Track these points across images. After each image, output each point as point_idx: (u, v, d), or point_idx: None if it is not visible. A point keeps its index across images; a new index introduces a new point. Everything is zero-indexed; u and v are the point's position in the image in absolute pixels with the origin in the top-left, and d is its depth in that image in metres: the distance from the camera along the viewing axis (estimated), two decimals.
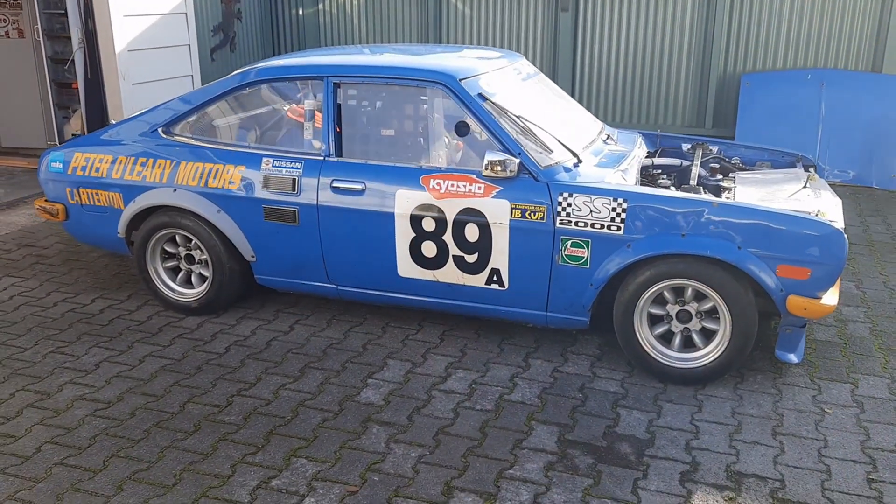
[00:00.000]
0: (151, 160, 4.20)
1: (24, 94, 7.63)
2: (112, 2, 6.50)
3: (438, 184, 3.71)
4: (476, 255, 3.73)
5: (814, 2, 7.18)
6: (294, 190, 3.94)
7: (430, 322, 4.20)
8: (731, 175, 4.26)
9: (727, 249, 3.35)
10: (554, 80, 8.02)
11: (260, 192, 4.00)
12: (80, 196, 4.41)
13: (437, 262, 3.80)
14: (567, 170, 3.67)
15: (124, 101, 6.68)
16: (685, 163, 4.39)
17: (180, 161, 4.14)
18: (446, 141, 3.85)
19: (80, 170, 4.36)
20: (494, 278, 3.74)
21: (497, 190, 3.63)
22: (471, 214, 3.66)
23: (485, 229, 3.66)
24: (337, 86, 3.93)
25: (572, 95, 8.03)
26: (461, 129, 3.73)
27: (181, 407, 3.39)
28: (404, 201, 3.76)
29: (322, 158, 3.92)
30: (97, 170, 4.32)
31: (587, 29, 7.86)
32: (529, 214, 3.59)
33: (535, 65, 8.09)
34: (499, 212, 3.62)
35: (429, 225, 3.75)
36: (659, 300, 3.57)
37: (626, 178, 3.77)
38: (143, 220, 4.29)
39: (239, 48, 8.49)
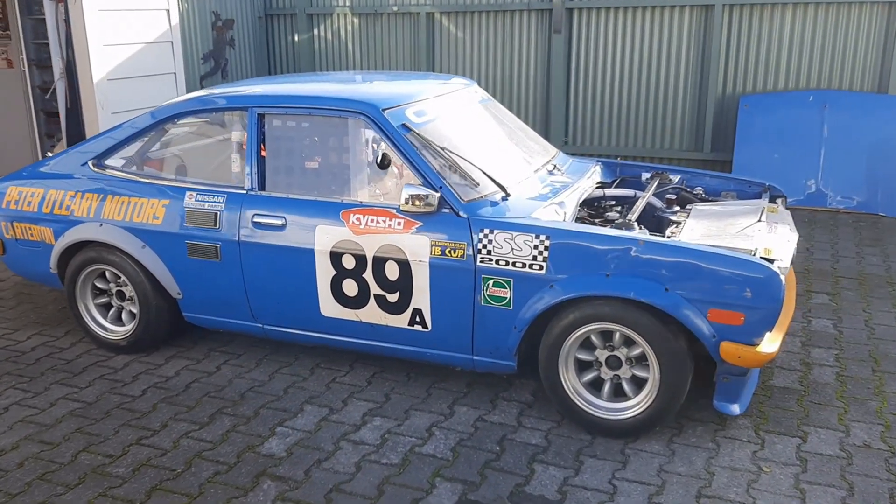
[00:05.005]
0: (80, 194, 4.08)
1: (13, 123, 7.66)
2: (90, 32, 6.48)
3: (358, 219, 3.51)
4: (397, 295, 3.51)
5: (816, 20, 6.83)
6: (216, 225, 3.77)
7: (362, 363, 3.98)
8: (687, 207, 3.97)
9: (653, 291, 3.07)
10: (546, 103, 7.79)
11: (183, 227, 3.85)
12: (14, 230, 4.31)
13: (359, 302, 3.59)
14: (493, 204, 3.43)
15: (103, 131, 6.63)
16: (640, 194, 4.11)
17: (107, 195, 4.02)
18: (368, 174, 3.65)
19: (14, 203, 4.27)
20: (417, 319, 3.52)
21: (417, 226, 3.41)
22: (390, 251, 3.45)
23: (405, 267, 3.44)
24: (261, 116, 3.77)
25: (566, 119, 7.79)
26: (383, 162, 3.53)
27: (73, 457, 3.21)
28: (324, 237, 3.56)
29: (244, 192, 3.76)
30: (29, 203, 4.22)
31: (580, 51, 7.62)
32: (449, 252, 3.36)
33: (527, 88, 7.87)
34: (418, 249, 3.40)
35: (349, 262, 3.54)
36: (589, 345, 3.30)
37: (559, 212, 3.52)
38: (73, 256, 4.17)
39: (231, 75, 8.44)
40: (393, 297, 3.52)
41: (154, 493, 2.96)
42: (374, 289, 3.53)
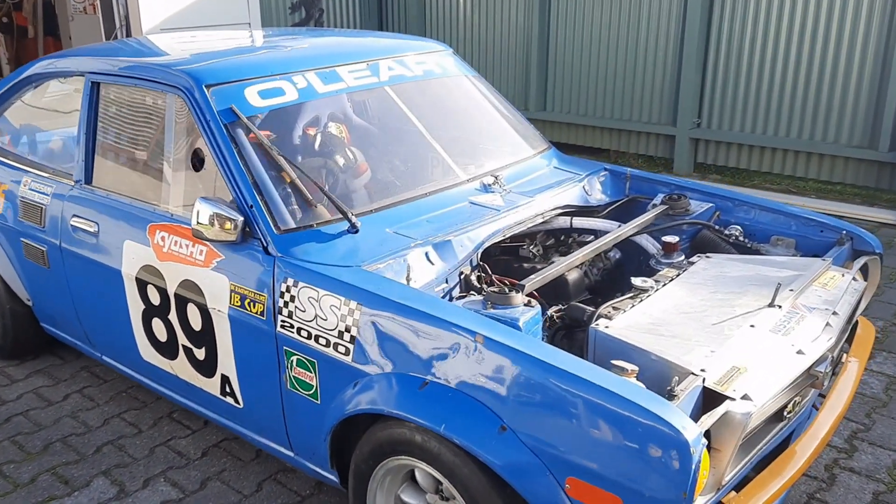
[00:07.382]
0: None
1: None
2: None
3: (163, 238, 2.51)
4: (204, 351, 2.48)
5: None
6: (41, 223, 2.95)
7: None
8: (693, 259, 2.52)
9: (477, 428, 1.79)
10: (678, 73, 6.14)
11: (18, 222, 3.07)
12: None
13: (170, 351, 2.60)
14: (325, 239, 2.28)
15: None
16: (623, 226, 2.69)
17: None
18: (185, 176, 2.60)
19: None
20: (227, 388, 2.47)
21: (219, 259, 2.35)
22: (190, 290, 2.42)
23: (206, 315, 2.40)
24: (95, 86, 2.85)
25: (700, 94, 6.11)
26: (194, 160, 2.47)
27: None
28: (131, 257, 2.61)
29: (72, 184, 2.88)
30: None
31: (725, 10, 5.89)
32: (249, 304, 2.27)
33: (655, 53, 6.26)
34: (218, 293, 2.34)
35: (154, 296, 2.56)
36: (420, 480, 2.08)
37: (432, 260, 2.28)
38: None
39: (333, 26, 7.62)
40: (200, 354, 2.50)
41: None
42: (182, 338, 2.53)
